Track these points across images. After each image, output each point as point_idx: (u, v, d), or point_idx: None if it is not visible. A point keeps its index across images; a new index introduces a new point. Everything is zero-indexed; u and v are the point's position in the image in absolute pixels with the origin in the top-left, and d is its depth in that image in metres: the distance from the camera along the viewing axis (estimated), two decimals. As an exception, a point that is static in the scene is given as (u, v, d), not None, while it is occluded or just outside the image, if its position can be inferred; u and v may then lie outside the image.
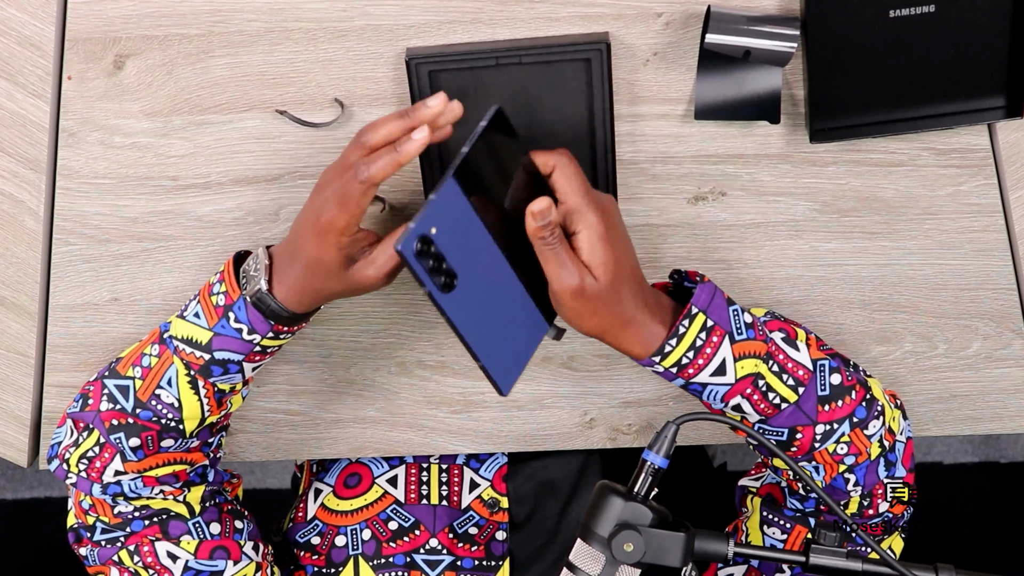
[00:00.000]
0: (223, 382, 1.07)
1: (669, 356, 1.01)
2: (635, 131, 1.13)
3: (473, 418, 1.23)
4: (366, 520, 1.22)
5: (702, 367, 1.02)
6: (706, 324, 1.01)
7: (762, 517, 1.16)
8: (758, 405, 1.04)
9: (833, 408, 1.06)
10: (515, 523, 1.26)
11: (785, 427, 1.05)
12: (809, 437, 1.06)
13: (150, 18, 1.11)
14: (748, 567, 1.17)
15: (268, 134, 1.14)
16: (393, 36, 1.11)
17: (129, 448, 1.07)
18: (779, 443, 1.07)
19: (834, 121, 1.11)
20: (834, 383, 1.06)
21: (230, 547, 1.14)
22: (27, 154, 1.14)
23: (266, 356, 1.09)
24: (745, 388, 1.03)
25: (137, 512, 1.11)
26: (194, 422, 1.08)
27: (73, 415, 1.10)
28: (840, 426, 1.06)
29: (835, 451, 1.06)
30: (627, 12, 1.10)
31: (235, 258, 1.08)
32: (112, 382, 1.09)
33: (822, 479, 1.08)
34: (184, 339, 1.06)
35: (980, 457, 2.17)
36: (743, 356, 1.02)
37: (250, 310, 1.04)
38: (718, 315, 1.02)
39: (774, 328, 1.06)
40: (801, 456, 1.07)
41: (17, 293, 1.18)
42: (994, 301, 1.18)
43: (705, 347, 1.01)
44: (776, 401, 1.04)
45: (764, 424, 1.06)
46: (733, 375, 1.02)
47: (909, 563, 0.96)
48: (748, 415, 1.05)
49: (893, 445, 1.10)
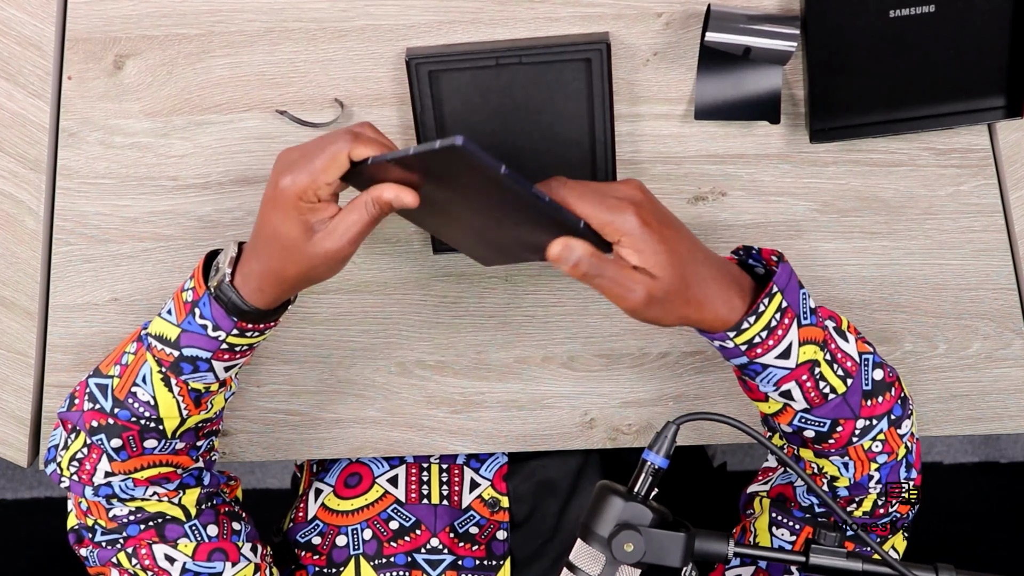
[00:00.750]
0: (195, 380, 1.05)
1: (744, 333, 0.99)
2: (635, 131, 1.13)
3: (473, 418, 1.23)
4: (367, 520, 1.22)
5: (771, 348, 1.00)
6: (781, 305, 0.99)
7: (771, 518, 1.15)
8: (809, 393, 1.03)
9: (874, 404, 1.05)
10: (515, 522, 1.26)
11: (828, 418, 1.04)
12: (849, 431, 1.05)
13: (150, 18, 1.11)
14: (756, 567, 1.16)
15: (268, 134, 1.14)
16: (393, 36, 1.11)
17: (112, 449, 1.06)
18: (818, 434, 1.05)
19: (834, 121, 1.11)
20: (876, 378, 1.05)
21: (228, 549, 1.14)
22: (27, 154, 1.14)
23: (237, 356, 1.06)
24: (802, 375, 1.02)
25: (132, 516, 1.10)
26: (173, 422, 1.07)
27: (62, 415, 1.09)
28: (879, 423, 1.05)
29: (870, 448, 1.06)
30: (627, 12, 1.10)
31: (207, 256, 1.06)
32: (94, 381, 1.08)
33: (851, 476, 1.08)
34: (157, 335, 1.05)
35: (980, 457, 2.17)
36: (806, 342, 1.01)
37: (214, 306, 1.02)
38: (792, 297, 1.00)
39: (825, 315, 1.05)
40: (836, 450, 1.06)
41: (17, 293, 1.18)
42: (994, 301, 1.19)
43: (778, 328, 0.99)
44: (826, 391, 1.03)
45: (808, 413, 1.04)
46: (795, 360, 1.01)
47: (909, 563, 0.96)
48: (795, 402, 1.04)
49: (912, 446, 1.10)
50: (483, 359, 1.21)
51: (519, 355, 1.21)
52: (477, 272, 1.18)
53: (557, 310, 1.20)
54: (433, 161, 0.89)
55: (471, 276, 1.19)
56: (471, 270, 1.19)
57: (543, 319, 1.20)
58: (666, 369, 1.21)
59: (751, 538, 1.16)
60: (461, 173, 0.89)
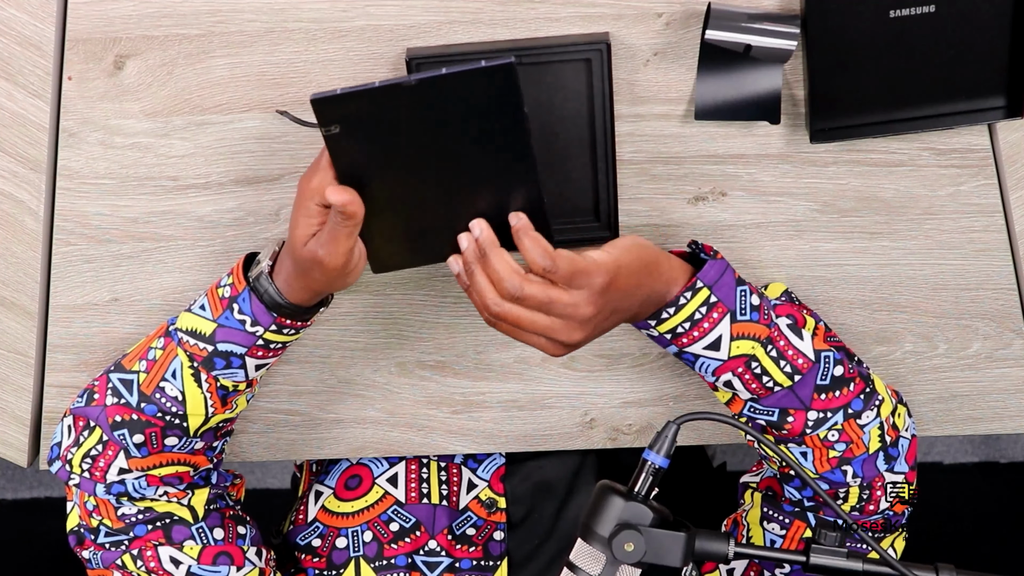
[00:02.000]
0: (226, 377, 1.07)
1: (665, 323, 1.04)
2: (635, 131, 1.13)
3: (473, 418, 1.23)
4: (367, 522, 1.22)
5: (696, 339, 1.05)
6: (709, 300, 1.04)
7: (762, 513, 1.16)
8: (749, 384, 1.07)
9: (830, 397, 1.08)
10: (512, 523, 1.26)
11: (776, 408, 1.08)
12: (801, 422, 1.08)
13: (150, 18, 1.11)
14: (749, 561, 1.17)
15: (268, 134, 1.14)
16: (393, 36, 1.11)
17: (133, 444, 1.07)
18: (768, 423, 1.09)
19: (834, 121, 1.11)
20: (836, 374, 1.08)
21: (233, 553, 1.14)
22: (27, 154, 1.14)
23: (269, 354, 1.09)
24: (737, 367, 1.06)
25: (141, 515, 1.11)
26: (198, 419, 1.08)
27: (77, 411, 1.10)
28: (834, 415, 1.08)
29: (826, 437, 1.09)
30: (627, 12, 1.10)
31: (246, 257, 1.09)
32: (117, 376, 1.09)
33: (811, 464, 1.10)
34: (188, 331, 1.07)
35: (980, 457, 2.17)
36: (741, 336, 1.05)
37: (254, 302, 1.05)
38: (724, 293, 1.04)
39: (783, 313, 1.08)
40: (792, 439, 1.09)
41: (17, 293, 1.18)
42: (994, 301, 1.18)
43: (703, 321, 1.04)
44: (769, 384, 1.07)
45: (755, 403, 1.08)
46: (727, 352, 1.05)
47: (909, 563, 0.96)
48: (739, 392, 1.08)
49: (896, 440, 1.10)
50: (483, 359, 1.21)
51: (519, 355, 1.21)
52: (477, 272, 1.18)
53: (557, 310, 1.20)
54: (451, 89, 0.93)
55: (471, 276, 1.19)
56: (471, 270, 1.19)
57: (543, 319, 1.20)
58: (666, 369, 1.21)
59: (744, 531, 1.17)
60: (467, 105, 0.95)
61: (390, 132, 0.96)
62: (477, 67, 0.93)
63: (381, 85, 0.94)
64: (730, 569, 1.19)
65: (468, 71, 0.93)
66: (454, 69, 0.93)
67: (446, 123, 0.96)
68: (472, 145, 0.98)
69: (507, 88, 0.94)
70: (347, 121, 0.95)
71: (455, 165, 0.99)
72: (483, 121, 0.96)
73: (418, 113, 0.95)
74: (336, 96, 0.94)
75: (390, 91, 0.94)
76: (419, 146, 0.98)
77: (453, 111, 0.95)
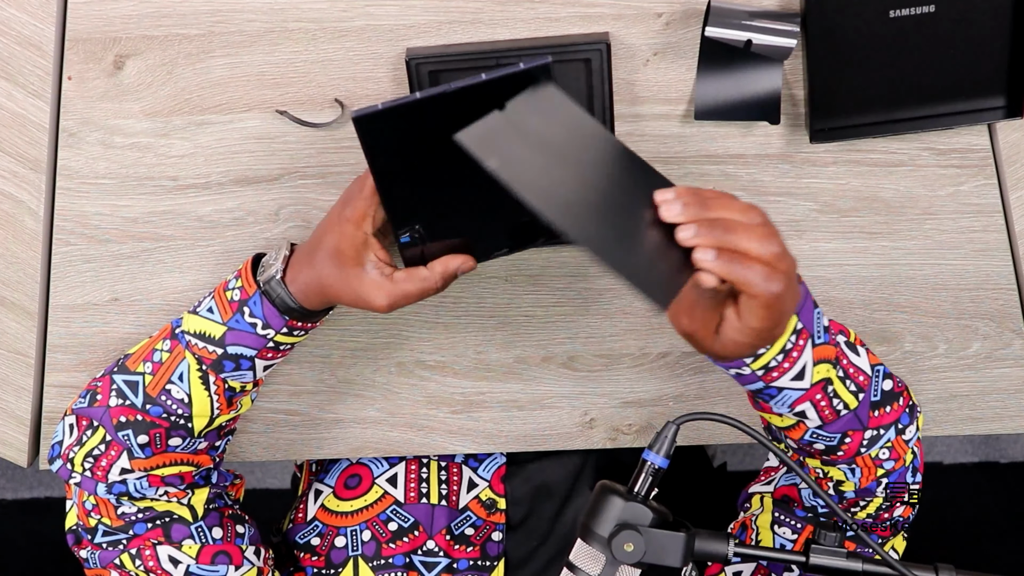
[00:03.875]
0: (234, 379, 1.08)
1: (760, 358, 0.98)
2: (635, 131, 1.13)
3: (473, 418, 1.23)
4: (366, 521, 1.22)
5: (786, 371, 0.99)
6: (796, 327, 0.98)
7: (773, 517, 1.15)
8: (823, 412, 1.02)
9: (882, 414, 1.05)
10: (511, 524, 1.26)
11: (839, 433, 1.04)
12: (857, 442, 1.05)
13: (150, 18, 1.11)
14: (757, 564, 1.17)
15: (268, 134, 1.14)
16: (393, 36, 1.11)
17: (137, 445, 1.07)
18: (827, 448, 1.05)
19: (834, 121, 1.11)
20: (886, 389, 1.05)
21: (232, 552, 1.14)
22: (27, 154, 1.14)
23: (278, 355, 1.09)
24: (816, 394, 1.01)
25: (140, 514, 1.11)
26: (203, 420, 1.08)
27: (80, 411, 1.10)
28: (887, 432, 1.06)
29: (877, 456, 1.06)
30: (627, 12, 1.10)
31: (253, 259, 1.09)
32: (121, 377, 1.09)
33: (857, 481, 1.08)
34: (197, 334, 1.07)
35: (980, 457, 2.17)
36: (820, 361, 1.00)
37: (265, 305, 1.05)
38: (806, 318, 0.99)
39: (836, 330, 1.04)
40: (843, 460, 1.06)
41: (17, 293, 1.18)
42: (994, 301, 1.18)
43: (793, 351, 0.98)
44: (839, 408, 1.02)
45: (820, 430, 1.03)
46: (809, 380, 1.00)
47: (909, 563, 0.96)
48: (809, 420, 1.03)
49: (917, 450, 1.10)
50: (483, 359, 1.21)
51: (519, 355, 1.21)
52: (477, 272, 1.19)
53: (557, 310, 1.20)
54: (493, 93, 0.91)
55: (471, 276, 1.19)
56: (471, 270, 1.19)
57: (543, 319, 1.20)
58: (666, 369, 1.21)
59: (752, 535, 1.17)
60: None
61: (433, 142, 0.95)
62: (517, 70, 0.92)
63: (423, 97, 0.93)
64: (738, 572, 1.18)
65: (509, 75, 0.92)
66: (494, 74, 0.92)
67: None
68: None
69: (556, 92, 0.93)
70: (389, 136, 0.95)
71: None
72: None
73: (460, 121, 0.93)
74: (378, 112, 0.93)
75: (432, 102, 0.93)
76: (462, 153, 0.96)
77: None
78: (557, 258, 1.18)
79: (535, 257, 1.18)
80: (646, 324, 1.20)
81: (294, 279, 1.05)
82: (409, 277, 1.02)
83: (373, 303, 1.02)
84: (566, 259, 1.18)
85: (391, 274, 1.02)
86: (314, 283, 1.04)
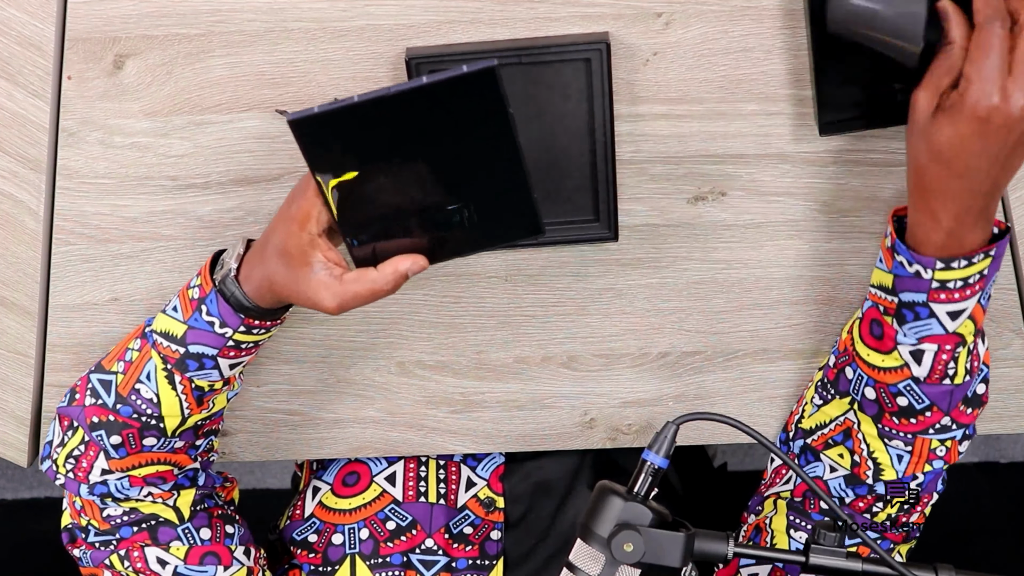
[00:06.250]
0: (200, 378, 1.07)
1: (950, 271, 0.98)
2: (635, 131, 1.13)
3: (473, 418, 1.23)
4: (364, 519, 1.22)
5: (954, 301, 0.99)
6: (983, 270, 0.99)
7: (788, 520, 1.15)
8: (937, 366, 1.02)
9: (965, 413, 1.06)
10: (509, 523, 1.26)
11: (929, 399, 1.04)
12: (933, 420, 1.05)
13: (150, 18, 1.11)
14: (773, 567, 1.16)
15: (268, 134, 1.14)
16: (393, 36, 1.11)
17: (111, 446, 1.07)
18: (909, 407, 1.05)
19: (843, 113, 1.10)
20: (979, 391, 1.06)
21: (220, 552, 1.14)
22: (27, 154, 1.14)
23: (242, 354, 1.08)
24: (947, 344, 1.01)
25: (126, 516, 1.10)
26: (175, 420, 1.07)
27: (61, 410, 1.10)
28: (958, 431, 1.06)
29: (936, 447, 1.06)
30: (627, 12, 1.10)
31: (214, 256, 1.09)
32: (96, 376, 1.09)
33: (901, 470, 1.08)
34: (162, 332, 1.06)
35: (980, 457, 2.17)
36: (973, 317, 1.01)
37: (221, 303, 1.04)
38: (992, 273, 1.00)
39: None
40: (906, 433, 1.06)
41: (17, 293, 1.18)
42: (994, 301, 1.18)
43: (967, 288, 0.99)
44: (950, 373, 1.03)
45: (917, 385, 1.04)
46: (956, 327, 1.00)
47: (909, 563, 0.96)
48: (918, 368, 1.03)
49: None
50: (483, 359, 1.21)
51: (519, 355, 1.21)
52: (477, 272, 1.19)
53: (557, 310, 1.20)
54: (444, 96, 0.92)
55: (471, 276, 1.19)
56: (471, 270, 1.19)
57: (543, 319, 1.20)
58: (666, 369, 1.21)
59: (767, 538, 1.16)
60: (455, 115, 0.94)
61: (375, 144, 0.96)
62: (459, 73, 0.92)
63: (361, 100, 0.93)
64: (754, 574, 1.18)
65: (449, 79, 0.92)
66: (435, 78, 0.92)
67: (432, 130, 0.95)
68: (460, 149, 0.97)
69: (491, 91, 0.93)
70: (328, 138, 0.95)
71: (443, 170, 0.98)
72: (469, 125, 0.95)
73: (402, 123, 0.94)
74: (314, 115, 0.93)
75: (371, 105, 0.93)
76: (405, 155, 0.97)
77: (438, 118, 0.95)
78: (557, 258, 1.18)
79: (535, 257, 1.18)
80: (646, 324, 1.20)
81: (248, 277, 1.04)
82: (359, 278, 1.00)
83: (321, 304, 1.00)
84: (566, 259, 1.18)
85: (340, 275, 1.00)
86: (265, 282, 1.03)
